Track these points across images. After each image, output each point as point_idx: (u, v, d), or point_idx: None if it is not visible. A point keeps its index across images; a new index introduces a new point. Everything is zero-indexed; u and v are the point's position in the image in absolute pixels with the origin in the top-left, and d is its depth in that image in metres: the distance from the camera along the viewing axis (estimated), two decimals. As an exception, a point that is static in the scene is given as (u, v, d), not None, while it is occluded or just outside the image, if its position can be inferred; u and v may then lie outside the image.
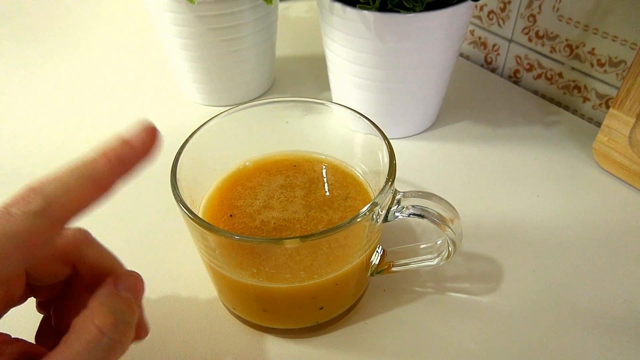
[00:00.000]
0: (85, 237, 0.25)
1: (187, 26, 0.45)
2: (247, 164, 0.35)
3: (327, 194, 0.33)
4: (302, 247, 0.25)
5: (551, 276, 0.35)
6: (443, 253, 0.30)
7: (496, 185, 0.43)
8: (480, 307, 0.33)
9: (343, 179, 0.34)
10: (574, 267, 0.35)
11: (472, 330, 0.32)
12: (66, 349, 0.20)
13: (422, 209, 0.28)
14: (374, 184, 0.33)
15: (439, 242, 0.31)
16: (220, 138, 0.33)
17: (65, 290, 0.25)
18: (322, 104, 0.34)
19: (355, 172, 0.34)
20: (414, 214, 0.28)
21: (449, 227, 0.28)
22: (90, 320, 0.21)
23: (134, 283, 0.24)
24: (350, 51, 0.42)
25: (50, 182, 0.20)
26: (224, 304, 0.33)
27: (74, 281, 0.25)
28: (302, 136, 0.36)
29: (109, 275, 0.24)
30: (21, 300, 0.23)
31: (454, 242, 0.28)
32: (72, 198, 0.20)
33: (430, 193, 0.28)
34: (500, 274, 0.35)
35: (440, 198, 0.28)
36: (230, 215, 0.31)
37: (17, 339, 0.22)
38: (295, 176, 0.34)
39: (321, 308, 0.29)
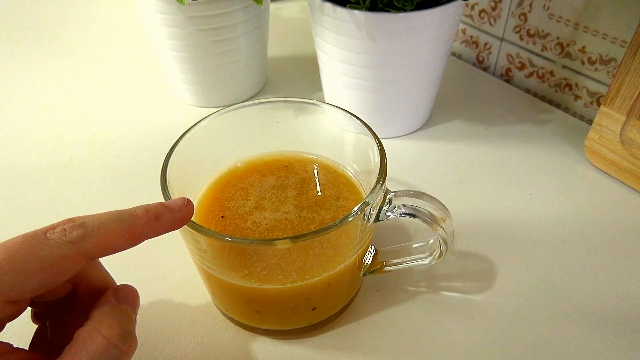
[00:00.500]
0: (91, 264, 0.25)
1: (178, 27, 0.45)
2: (238, 164, 0.35)
3: (319, 194, 0.33)
4: (293, 247, 0.25)
5: (544, 273, 0.35)
6: (435, 252, 0.30)
7: (489, 183, 0.43)
8: (474, 305, 0.33)
9: (335, 179, 0.34)
10: (566, 264, 0.35)
11: (465, 328, 0.32)
12: (71, 358, 0.20)
13: (414, 208, 0.28)
14: (365, 184, 0.33)
15: (430, 241, 0.31)
16: (211, 139, 0.32)
17: (61, 302, 0.25)
18: (313, 104, 0.34)
19: (347, 172, 0.34)
20: (405, 214, 0.28)
21: (441, 227, 0.27)
22: (97, 330, 0.21)
23: (131, 295, 0.24)
24: (342, 51, 0.42)
25: (92, 218, 0.21)
26: (216, 306, 0.32)
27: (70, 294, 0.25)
28: (294, 136, 0.35)
29: (104, 289, 0.24)
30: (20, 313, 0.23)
31: (445, 242, 0.28)
32: (107, 237, 0.21)
33: (421, 192, 0.28)
34: (493, 272, 0.35)
35: (431, 197, 0.28)
36: (222, 217, 0.31)
37: (18, 349, 0.21)
38: (287, 177, 0.34)
39: (314, 309, 0.29)
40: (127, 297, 0.24)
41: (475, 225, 0.38)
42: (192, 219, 0.26)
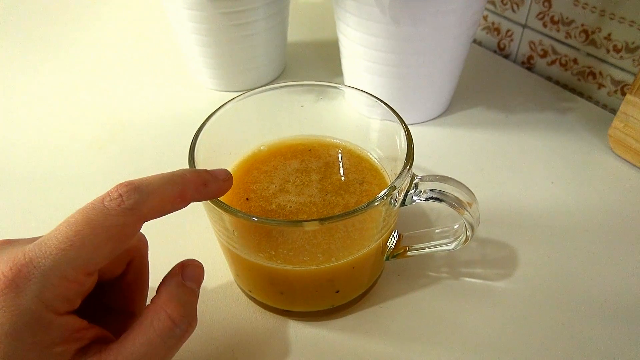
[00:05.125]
0: (145, 242, 0.27)
1: (200, 10, 0.45)
2: (262, 148, 0.35)
3: (343, 178, 0.33)
4: (320, 229, 0.25)
5: (565, 262, 0.35)
6: (460, 237, 0.30)
7: (510, 171, 0.42)
8: (495, 292, 0.33)
9: (358, 163, 0.34)
10: (588, 254, 0.35)
11: (486, 315, 0.32)
12: (140, 335, 0.22)
13: (440, 192, 0.28)
14: (389, 169, 0.33)
15: (455, 227, 0.31)
16: (235, 121, 0.32)
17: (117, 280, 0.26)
18: (338, 88, 0.34)
19: (371, 156, 0.34)
20: (431, 198, 0.28)
21: (467, 211, 0.27)
22: (164, 310, 0.22)
23: (197, 273, 0.25)
24: (364, 35, 0.42)
25: (146, 182, 0.22)
26: (239, 287, 0.33)
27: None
28: (317, 121, 0.35)
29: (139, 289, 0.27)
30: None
31: (471, 226, 0.28)
32: (161, 201, 0.22)
33: (447, 177, 0.28)
34: (515, 259, 0.35)
35: (457, 182, 0.28)
36: (247, 199, 0.31)
37: (92, 325, 0.22)
38: (310, 160, 0.34)
39: (337, 291, 0.30)
40: (194, 275, 0.25)
41: (496, 213, 0.38)
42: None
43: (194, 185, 0.23)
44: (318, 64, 0.57)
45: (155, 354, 0.21)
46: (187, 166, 0.27)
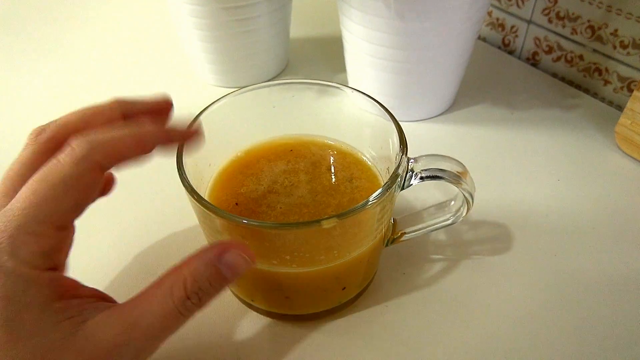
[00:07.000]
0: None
1: (201, 5, 0.45)
2: (238, 154, 0.34)
3: (332, 176, 0.32)
4: (336, 226, 0.24)
5: (572, 260, 0.34)
6: (460, 211, 0.30)
7: (515, 169, 0.42)
8: (502, 292, 0.32)
9: (342, 158, 0.33)
10: (595, 252, 0.35)
11: (491, 315, 0.31)
12: (157, 295, 0.21)
13: (437, 169, 0.27)
14: (379, 164, 0.32)
15: (452, 203, 0.31)
16: (232, 119, 0.32)
17: None
18: (333, 86, 0.32)
19: (363, 156, 0.33)
20: (429, 177, 0.28)
21: (464, 181, 0.28)
22: (182, 278, 0.22)
23: (238, 264, 0.23)
24: (369, 30, 0.41)
25: (99, 132, 0.22)
26: (238, 298, 0.32)
27: None
28: (302, 120, 0.34)
29: None
30: None
31: (471, 195, 0.28)
32: (114, 145, 0.22)
33: (436, 154, 0.28)
34: (521, 257, 0.34)
35: (447, 156, 0.28)
36: (236, 204, 0.30)
37: (87, 286, 0.23)
38: (296, 161, 0.33)
39: (344, 288, 0.29)
40: (233, 264, 0.22)
41: (502, 211, 0.38)
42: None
43: (153, 129, 0.23)
44: (321, 60, 0.57)
45: (168, 320, 0.21)
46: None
